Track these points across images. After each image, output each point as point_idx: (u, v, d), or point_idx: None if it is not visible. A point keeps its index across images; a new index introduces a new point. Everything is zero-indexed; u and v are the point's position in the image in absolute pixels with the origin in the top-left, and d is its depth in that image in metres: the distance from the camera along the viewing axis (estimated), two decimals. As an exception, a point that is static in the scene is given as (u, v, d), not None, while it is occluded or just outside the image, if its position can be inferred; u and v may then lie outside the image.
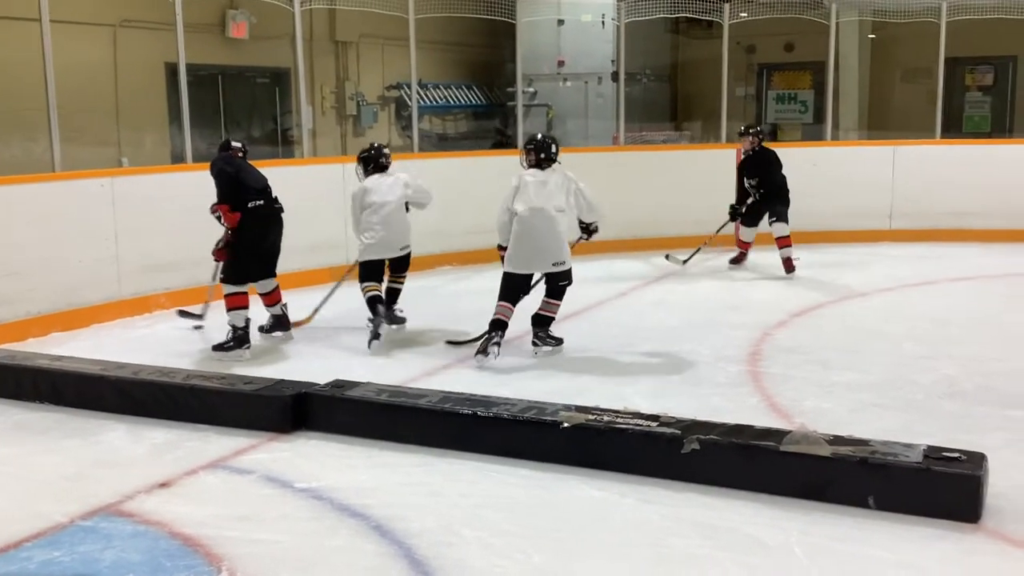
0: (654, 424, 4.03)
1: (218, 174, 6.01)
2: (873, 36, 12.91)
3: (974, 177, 9.95)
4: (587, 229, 6.22)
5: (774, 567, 3.19)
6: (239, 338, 5.94)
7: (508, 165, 7.82)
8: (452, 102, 12.35)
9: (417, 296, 7.95)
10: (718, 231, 8.96)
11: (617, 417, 4.13)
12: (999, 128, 12.86)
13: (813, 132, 12.89)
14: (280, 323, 6.43)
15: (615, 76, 10.70)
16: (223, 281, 6.01)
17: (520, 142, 9.94)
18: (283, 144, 10.74)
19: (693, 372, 5.55)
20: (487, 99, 12.88)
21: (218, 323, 6.30)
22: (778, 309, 7.15)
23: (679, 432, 3.91)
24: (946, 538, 3.34)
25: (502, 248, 6.03)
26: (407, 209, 6.50)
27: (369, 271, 6.39)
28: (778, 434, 3.88)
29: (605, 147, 11.01)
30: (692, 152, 11.07)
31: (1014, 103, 12.94)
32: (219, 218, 6.03)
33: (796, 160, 10.36)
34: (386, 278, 6.55)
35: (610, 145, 10.90)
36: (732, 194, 8.99)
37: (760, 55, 13.83)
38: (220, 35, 10.11)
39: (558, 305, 6.00)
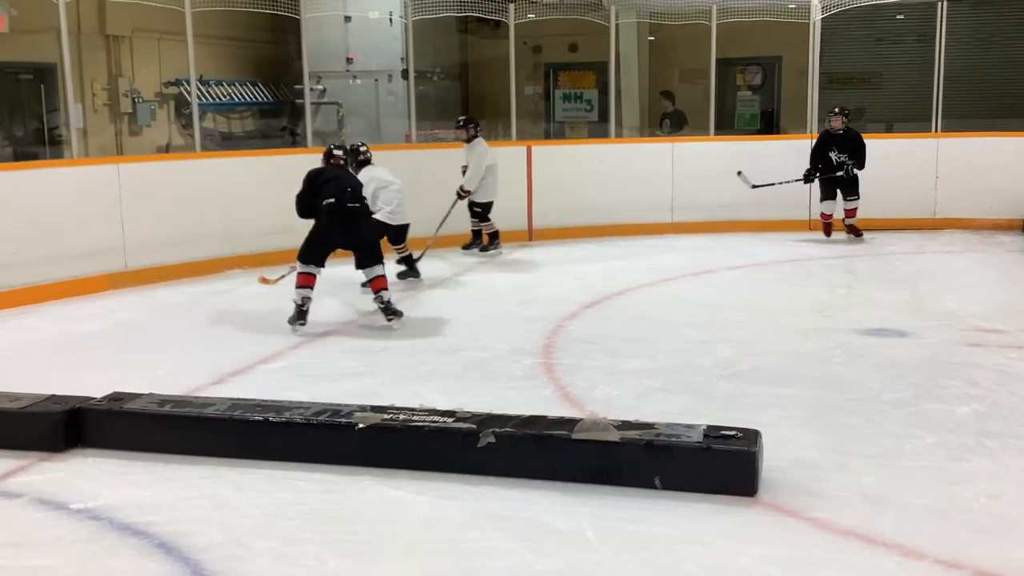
0: (450, 420, 4.03)
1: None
2: (652, 38, 13.48)
3: (747, 171, 10.57)
4: None
5: (567, 552, 3.25)
6: (297, 312, 6.38)
7: (297, 163, 7.63)
8: (236, 99, 11.92)
9: (206, 301, 7.65)
10: (784, 183, 10.03)
11: (413, 415, 4.10)
12: (768, 124, 13.74)
13: (599, 130, 13.30)
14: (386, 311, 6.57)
15: (405, 74, 10.67)
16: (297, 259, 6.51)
17: (310, 140, 9.75)
18: (50, 144, 10.02)
19: (489, 366, 5.59)
20: (274, 96, 12.51)
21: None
22: (570, 301, 7.33)
23: (474, 426, 3.93)
24: (726, 512, 3.51)
25: None
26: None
27: None
28: (570, 423, 3.96)
29: (398, 145, 10.96)
30: (485, 150, 11.17)
31: (780, 100, 13.84)
32: None
33: (583, 157, 10.71)
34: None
35: (403, 143, 10.87)
36: (523, 187, 10.14)
37: (546, 55, 14.15)
38: (-23, 29, 9.33)
39: None
